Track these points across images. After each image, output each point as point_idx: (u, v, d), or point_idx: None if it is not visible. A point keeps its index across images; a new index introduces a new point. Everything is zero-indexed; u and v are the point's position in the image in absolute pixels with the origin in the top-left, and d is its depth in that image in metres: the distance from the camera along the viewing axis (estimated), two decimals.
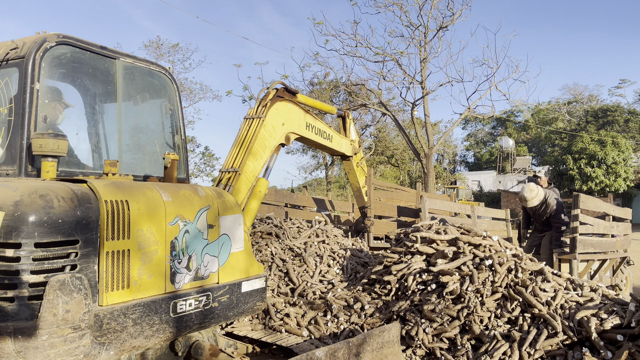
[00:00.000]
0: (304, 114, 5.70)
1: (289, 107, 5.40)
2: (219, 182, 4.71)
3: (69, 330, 2.39)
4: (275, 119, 5.16)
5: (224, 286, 3.39)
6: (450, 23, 17.30)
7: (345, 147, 6.82)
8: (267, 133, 5.03)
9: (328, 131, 6.33)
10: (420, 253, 5.11)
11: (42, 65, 3.03)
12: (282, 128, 5.29)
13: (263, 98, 5.20)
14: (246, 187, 4.73)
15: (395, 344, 3.82)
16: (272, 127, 5.12)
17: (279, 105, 5.22)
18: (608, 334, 3.78)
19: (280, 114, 5.25)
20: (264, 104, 5.09)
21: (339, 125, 7.29)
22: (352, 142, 7.07)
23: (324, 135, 6.21)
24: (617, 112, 39.59)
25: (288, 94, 5.40)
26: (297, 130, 5.56)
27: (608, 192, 27.67)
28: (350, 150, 6.99)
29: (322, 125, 6.15)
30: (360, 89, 19.98)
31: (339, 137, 6.65)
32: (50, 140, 2.78)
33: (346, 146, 6.86)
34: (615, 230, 7.67)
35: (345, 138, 6.88)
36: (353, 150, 7.05)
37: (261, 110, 5.06)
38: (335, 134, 6.56)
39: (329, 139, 6.32)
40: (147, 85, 3.83)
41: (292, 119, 5.46)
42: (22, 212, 2.35)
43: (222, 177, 4.72)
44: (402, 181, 34.70)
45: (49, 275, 2.39)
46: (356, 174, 7.24)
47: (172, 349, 3.25)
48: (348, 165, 7.19)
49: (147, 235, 2.85)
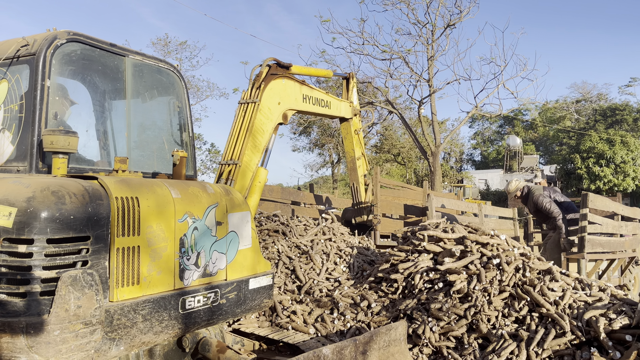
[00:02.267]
0: (299, 86, 5.49)
1: (283, 84, 5.18)
2: (219, 176, 4.62)
3: (81, 326, 2.42)
4: (270, 100, 4.96)
5: (231, 283, 3.41)
6: (458, 21, 17.21)
7: (344, 110, 6.63)
8: (263, 117, 4.85)
9: (326, 98, 6.15)
10: (428, 251, 5.10)
11: (53, 62, 3.06)
12: (278, 107, 5.09)
13: (256, 79, 4.97)
14: (247, 179, 4.66)
15: (402, 342, 3.82)
16: (268, 109, 4.94)
17: (273, 84, 4.99)
18: (617, 334, 3.76)
19: (275, 93, 5.04)
20: (258, 86, 4.89)
21: (343, 86, 7.11)
22: (351, 104, 6.87)
23: (322, 104, 6.04)
24: (626, 111, 39.23)
25: (281, 69, 5.16)
26: (294, 105, 5.37)
27: (616, 191, 27.43)
28: (350, 112, 6.79)
29: (319, 94, 5.97)
30: (367, 86, 19.93)
31: (337, 102, 6.47)
32: (62, 137, 2.81)
33: (345, 109, 6.67)
34: (624, 230, 7.61)
35: (344, 101, 6.69)
36: (353, 111, 6.84)
37: (255, 93, 4.87)
38: (334, 99, 6.38)
39: (327, 106, 6.15)
40: (155, 83, 3.85)
41: (287, 95, 5.26)
42: (35, 208, 2.37)
43: (223, 170, 4.62)
44: (408, 179, 34.62)
45: (61, 271, 2.42)
46: (352, 140, 6.96)
47: (179, 346, 3.27)
48: (345, 129, 6.94)
49: (157, 232, 2.87)
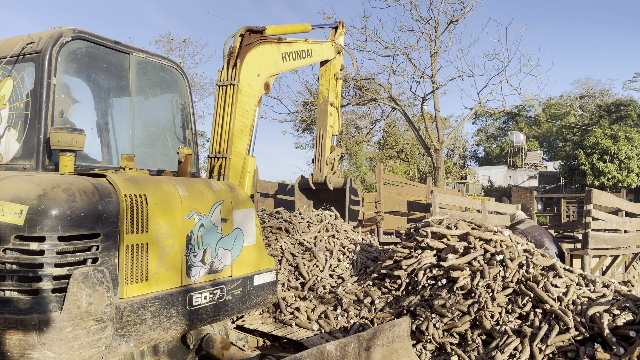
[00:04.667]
0: (276, 47, 5.19)
1: (259, 52, 4.88)
2: (210, 172, 4.48)
3: (92, 323, 2.45)
4: (249, 76, 4.71)
5: (237, 279, 3.44)
6: (461, 17, 17.15)
7: (327, 52, 6.47)
8: (245, 97, 4.65)
9: (306, 47, 5.92)
10: (431, 248, 5.11)
11: (59, 60, 3.07)
12: (258, 80, 4.84)
13: (230, 55, 4.68)
14: (238, 171, 4.56)
15: (405, 338, 3.84)
16: (249, 86, 4.71)
17: (249, 57, 4.72)
18: (620, 330, 3.77)
19: (253, 66, 4.76)
20: (234, 64, 4.61)
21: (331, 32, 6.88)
22: (334, 42, 6.64)
23: (303, 55, 5.81)
24: (630, 106, 39.02)
25: (255, 35, 4.85)
26: (274, 70, 5.13)
27: (621, 187, 27.31)
28: (333, 51, 6.61)
29: (298, 46, 5.71)
30: (370, 83, 19.90)
31: (318, 47, 6.25)
32: (69, 134, 2.83)
33: (327, 50, 6.50)
34: (628, 226, 7.60)
35: (326, 41, 6.47)
36: (336, 49, 6.64)
37: (232, 73, 4.60)
38: (314, 45, 6.14)
39: (309, 55, 5.94)
40: (159, 80, 3.87)
41: (266, 62, 4.98)
42: (46, 205, 2.40)
43: (213, 164, 4.48)
44: (411, 176, 34.56)
45: (72, 268, 2.45)
46: (329, 81, 6.67)
47: (183, 342, 3.30)
48: (325, 69, 6.70)
49: (165, 229, 2.89)
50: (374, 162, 33.52)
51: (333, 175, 6.83)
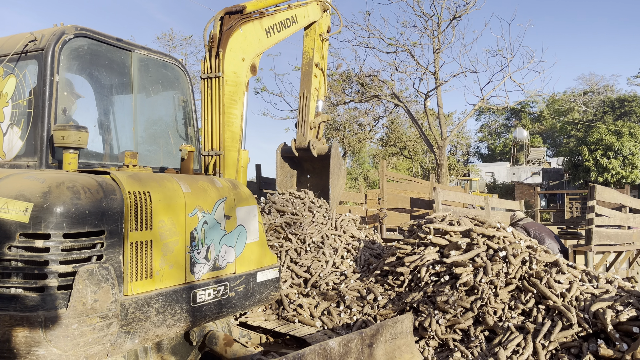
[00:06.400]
0: (259, 23, 4.94)
1: (242, 34, 4.65)
2: (206, 169, 4.42)
3: (98, 319, 2.46)
4: (234, 64, 4.52)
5: (240, 276, 3.45)
6: (464, 13, 17.08)
7: (312, 13, 6.06)
8: (231, 87, 4.49)
9: (291, 14, 5.59)
10: (434, 244, 5.12)
11: (61, 57, 3.08)
12: (243, 65, 4.65)
13: (212, 44, 4.48)
14: (233, 167, 4.49)
15: (408, 334, 3.85)
16: (234, 73, 4.54)
17: (231, 43, 4.51)
18: (624, 326, 3.76)
19: (237, 51, 4.56)
20: (216, 53, 4.43)
21: None
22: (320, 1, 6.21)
23: (288, 24, 5.49)
24: (634, 102, 38.76)
25: (235, 16, 4.62)
26: (258, 49, 4.91)
27: (624, 183, 27.20)
28: (319, 11, 6.18)
29: (281, 15, 5.35)
30: (372, 80, 19.86)
31: (303, 9, 5.87)
32: (72, 132, 2.84)
33: (313, 10, 6.08)
34: (632, 222, 7.58)
35: (310, 2, 6.01)
36: (322, 7, 6.22)
37: (215, 64, 4.42)
38: (299, 9, 5.78)
39: (294, 22, 5.61)
40: (161, 77, 3.88)
41: (249, 43, 4.77)
42: (51, 203, 2.41)
43: (208, 162, 4.41)
44: (414, 173, 34.53)
45: (77, 265, 2.46)
46: (314, 40, 6.27)
47: (186, 339, 3.31)
48: (311, 28, 6.31)
49: (168, 226, 2.91)
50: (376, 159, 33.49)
51: (317, 142, 6.37)
